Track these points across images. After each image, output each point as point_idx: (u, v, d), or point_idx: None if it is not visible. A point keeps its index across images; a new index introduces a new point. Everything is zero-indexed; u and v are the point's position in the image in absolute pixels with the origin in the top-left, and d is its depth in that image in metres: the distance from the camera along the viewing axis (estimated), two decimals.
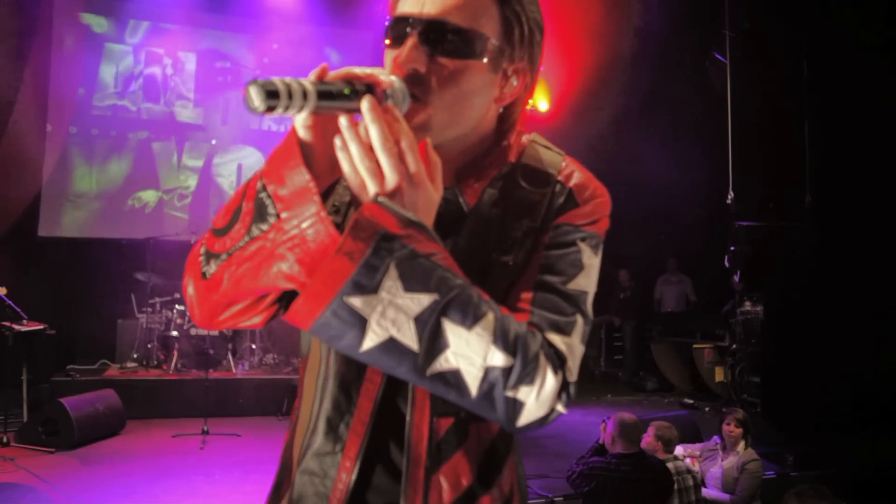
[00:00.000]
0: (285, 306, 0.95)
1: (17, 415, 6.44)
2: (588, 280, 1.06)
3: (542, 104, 10.02)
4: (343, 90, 0.93)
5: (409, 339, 0.89)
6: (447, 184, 1.06)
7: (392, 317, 0.88)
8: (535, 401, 0.92)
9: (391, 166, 0.91)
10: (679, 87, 9.35)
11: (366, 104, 0.92)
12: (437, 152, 0.99)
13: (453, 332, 0.89)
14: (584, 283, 1.05)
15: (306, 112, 0.91)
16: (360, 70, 0.96)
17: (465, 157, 1.13)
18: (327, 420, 1.09)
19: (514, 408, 0.92)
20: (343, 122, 0.93)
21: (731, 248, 8.18)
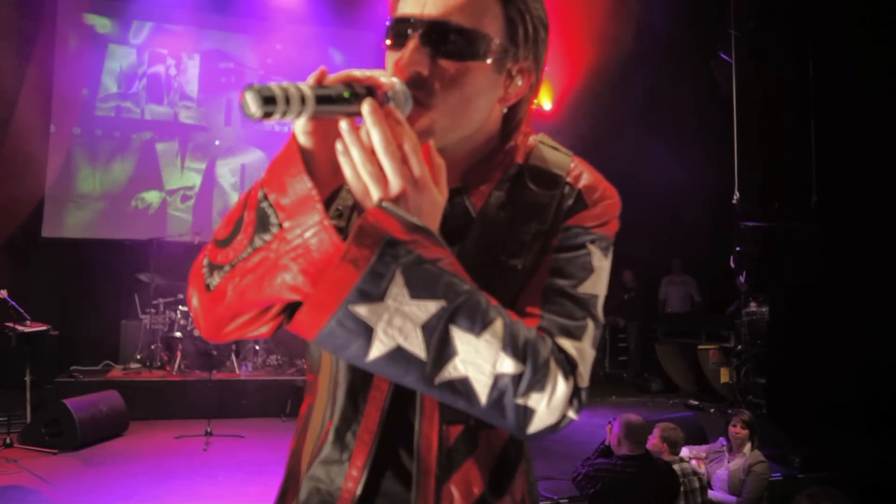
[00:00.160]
0: (290, 316, 0.92)
1: (21, 416, 6.44)
2: (598, 283, 1.04)
3: (545, 104, 10.01)
4: (343, 94, 0.90)
5: (417, 347, 0.87)
6: (452, 186, 1.04)
7: (399, 325, 0.86)
8: (546, 408, 0.91)
9: (394, 170, 0.89)
10: (684, 87, 9.32)
11: (366, 107, 0.89)
12: (442, 155, 0.97)
13: (461, 339, 0.88)
14: (594, 286, 1.03)
15: (305, 117, 0.89)
16: (360, 72, 0.94)
17: (470, 159, 1.11)
18: (335, 428, 1.07)
19: (525, 415, 0.91)
20: (344, 126, 0.90)
21: (737, 249, 8.15)
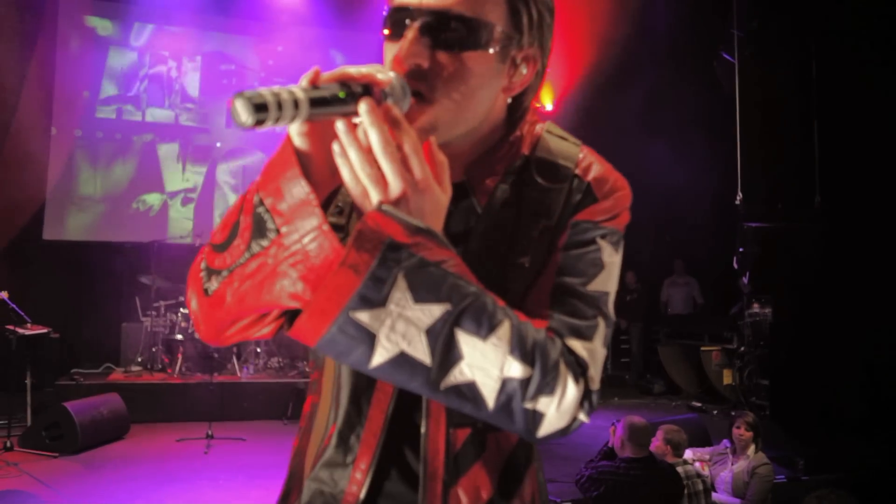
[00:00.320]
0: (290, 320, 0.90)
1: (22, 419, 6.42)
2: (609, 279, 1.01)
3: (546, 105, 9.98)
4: (338, 94, 0.86)
5: (421, 352, 0.84)
6: (456, 180, 1.00)
7: (402, 330, 0.84)
8: (556, 411, 0.88)
9: (394, 172, 0.85)
10: (686, 87, 9.29)
11: (363, 107, 0.86)
12: (444, 149, 0.93)
13: (467, 342, 0.85)
14: (604, 282, 1.00)
15: (299, 121, 0.85)
16: (356, 70, 0.90)
17: (474, 152, 1.07)
18: (338, 432, 1.05)
19: (534, 419, 0.88)
20: (340, 126, 0.87)
21: (740, 250, 8.13)
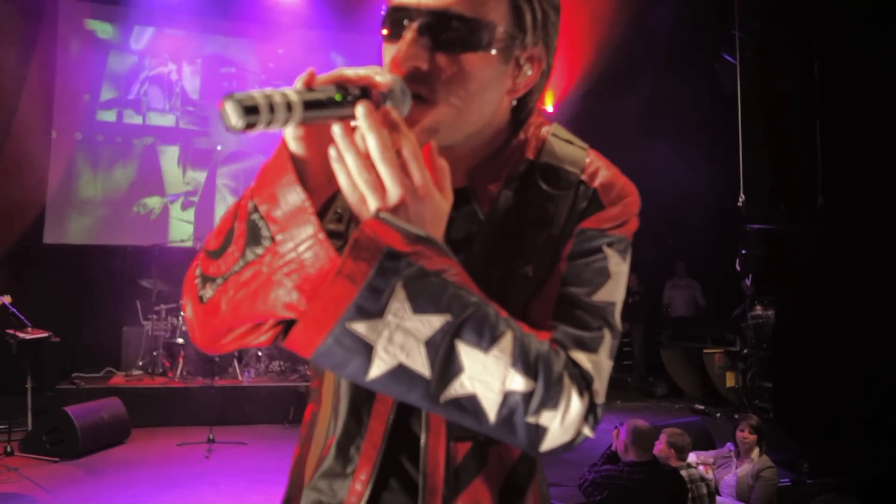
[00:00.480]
0: (286, 330, 0.87)
1: (22, 423, 6.39)
2: (616, 289, 0.97)
3: (547, 107, 9.96)
4: (334, 96, 0.83)
5: (420, 364, 0.82)
6: (457, 186, 0.97)
7: (400, 342, 0.81)
8: (560, 426, 0.86)
9: (392, 178, 0.82)
10: (688, 88, 9.26)
11: (360, 110, 0.82)
12: (445, 154, 0.90)
13: (468, 354, 0.82)
14: (611, 292, 0.97)
15: (293, 124, 0.82)
16: (353, 72, 0.86)
17: (476, 157, 1.04)
18: (337, 443, 1.02)
19: (537, 434, 0.85)
20: (336, 130, 0.84)
21: (743, 252, 8.11)
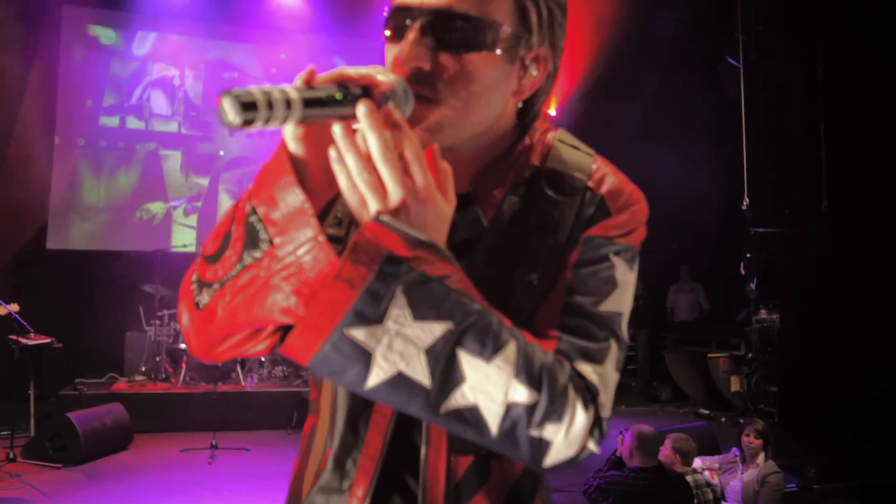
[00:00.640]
0: (283, 337, 0.85)
1: (25, 429, 6.38)
2: (623, 299, 0.94)
3: (550, 110, 9.95)
4: (334, 95, 0.81)
5: (420, 373, 0.79)
6: (461, 191, 0.94)
7: (400, 349, 0.78)
8: (564, 440, 0.82)
9: (394, 179, 0.80)
10: (691, 91, 9.25)
11: (362, 109, 0.81)
12: (449, 157, 0.88)
13: (470, 364, 0.79)
14: (618, 302, 0.94)
15: (292, 123, 0.80)
16: (354, 70, 0.85)
17: (481, 160, 1.02)
18: (334, 456, 1.00)
19: (540, 447, 0.82)
20: (337, 130, 0.82)
21: (747, 255, 8.08)
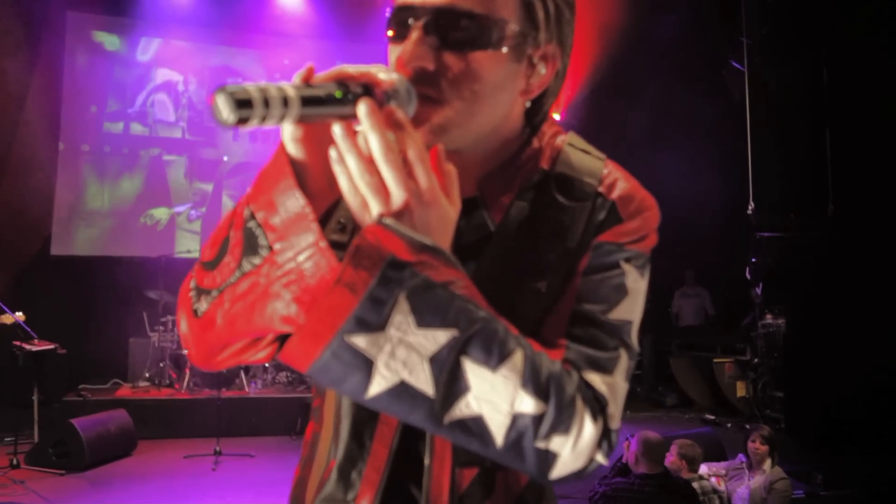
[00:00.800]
0: (282, 345, 0.82)
1: (28, 435, 6.36)
2: (633, 307, 0.92)
3: (554, 115, 9.93)
4: (334, 93, 0.78)
5: (424, 382, 0.76)
6: (467, 195, 0.92)
7: (403, 357, 0.76)
8: (571, 452, 0.80)
9: (397, 181, 0.77)
10: (696, 95, 9.21)
11: (363, 108, 0.78)
12: (455, 159, 0.86)
13: (475, 373, 0.77)
14: (628, 310, 0.91)
15: (289, 121, 0.77)
16: (355, 68, 0.82)
17: (488, 163, 0.99)
18: (338, 467, 0.97)
19: (547, 460, 0.80)
20: (337, 130, 0.79)
21: (752, 260, 8.05)
